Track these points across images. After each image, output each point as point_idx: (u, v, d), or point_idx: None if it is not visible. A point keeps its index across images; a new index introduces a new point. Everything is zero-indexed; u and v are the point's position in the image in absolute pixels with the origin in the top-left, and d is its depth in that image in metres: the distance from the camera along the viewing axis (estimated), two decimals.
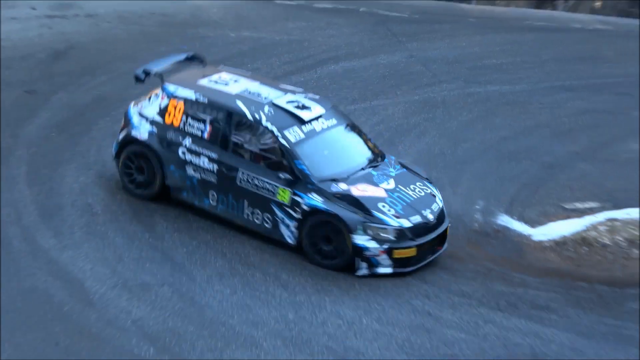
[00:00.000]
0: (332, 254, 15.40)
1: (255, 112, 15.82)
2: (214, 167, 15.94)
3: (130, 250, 15.32)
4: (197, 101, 16.09)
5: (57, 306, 13.98)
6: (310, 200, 15.44)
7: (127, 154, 16.54)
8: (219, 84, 16.34)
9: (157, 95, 16.42)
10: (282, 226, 15.68)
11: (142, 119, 16.47)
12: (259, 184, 15.66)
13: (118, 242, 15.51)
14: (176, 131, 16.18)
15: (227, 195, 15.91)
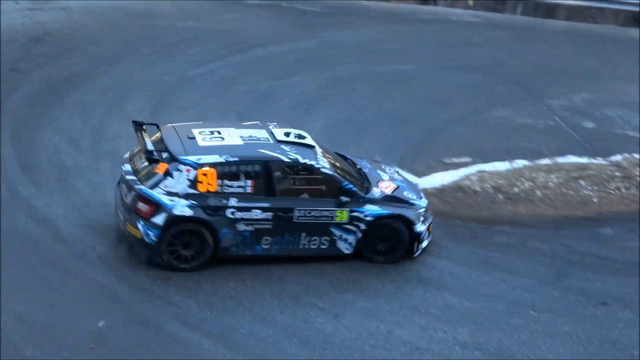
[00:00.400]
0: (388, 250, 14.19)
1: (285, 154, 13.61)
2: (268, 215, 13.47)
3: (95, 197, 14.97)
4: (227, 162, 13.31)
5: (34, 243, 13.66)
6: (370, 211, 13.89)
7: (172, 234, 13.28)
8: (219, 139, 13.66)
9: (180, 170, 13.22)
10: (339, 242, 13.88)
11: (173, 198, 13.20)
12: (317, 214, 13.60)
13: (85, 191, 15.15)
14: (217, 196, 13.30)
15: (283, 235, 13.62)
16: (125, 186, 13.48)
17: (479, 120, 19.04)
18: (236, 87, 19.06)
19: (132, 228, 13.25)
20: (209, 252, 13.45)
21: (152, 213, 13.13)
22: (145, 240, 13.16)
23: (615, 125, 19.09)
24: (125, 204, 13.40)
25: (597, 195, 16.66)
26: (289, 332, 12.59)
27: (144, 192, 13.20)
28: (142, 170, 13.48)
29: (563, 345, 12.86)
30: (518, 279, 14.15)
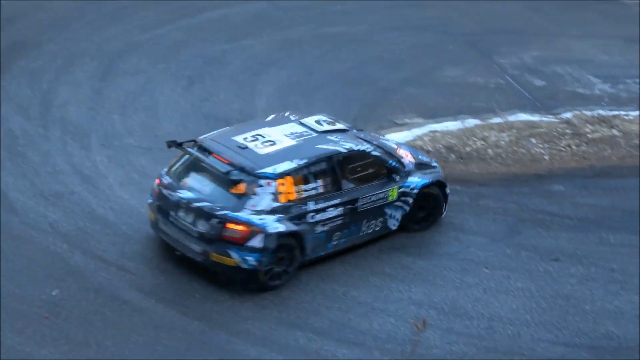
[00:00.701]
0: (425, 217, 14.20)
1: (338, 145, 13.31)
2: (339, 210, 13.07)
3: (45, 165, 14.82)
4: (299, 167, 12.76)
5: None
6: (414, 183, 13.86)
7: (270, 254, 12.59)
8: (270, 143, 13.08)
9: (262, 186, 12.51)
10: (390, 220, 13.77)
11: (262, 216, 12.47)
12: (375, 198, 13.42)
13: (35, 160, 14.99)
14: (297, 204, 12.70)
15: (349, 227, 13.28)
16: (194, 213, 12.48)
17: (430, 80, 19.06)
18: (186, 51, 18.91)
19: (221, 257, 12.39)
20: (297, 263, 12.86)
21: (247, 237, 12.29)
22: (243, 267, 12.38)
23: (565, 82, 19.22)
24: (199, 233, 12.45)
25: (548, 152, 16.80)
26: (245, 296, 12.62)
27: (232, 216, 12.29)
28: (205, 193, 12.59)
29: (516, 301, 13.03)
30: (471, 237, 14.28)
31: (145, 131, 16.21)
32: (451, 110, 17.94)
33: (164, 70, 18.21)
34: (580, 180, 16.05)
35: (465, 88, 18.78)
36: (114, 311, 12.13)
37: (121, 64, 18.23)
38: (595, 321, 12.75)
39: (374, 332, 12.24)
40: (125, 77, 17.80)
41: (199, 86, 17.81)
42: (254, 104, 17.46)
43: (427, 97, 18.39)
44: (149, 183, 14.67)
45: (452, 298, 12.98)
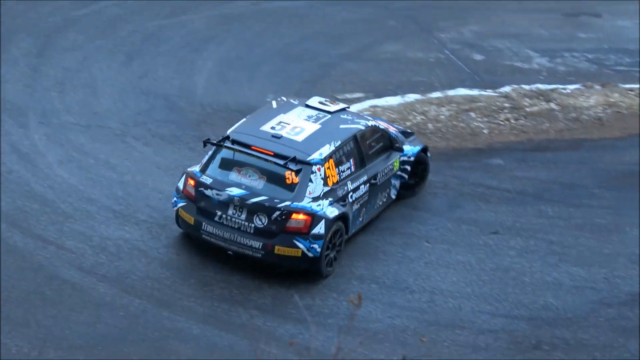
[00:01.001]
0: (412, 184, 14.48)
1: (355, 122, 13.54)
2: (367, 187, 13.33)
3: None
4: (336, 149, 12.91)
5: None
6: (410, 152, 14.26)
7: (330, 239, 12.66)
8: (300, 129, 13.09)
9: (314, 172, 12.54)
10: (392, 191, 14.10)
11: (318, 202, 12.52)
12: (386, 170, 13.75)
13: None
14: (339, 186, 12.85)
15: (369, 202, 13.48)
16: (249, 209, 12.36)
17: (370, 55, 19.11)
18: (124, 27, 18.74)
19: (287, 249, 12.36)
20: (343, 244, 12.99)
21: (310, 225, 12.33)
22: (309, 255, 12.40)
23: (504, 56, 19.38)
24: (256, 228, 12.38)
25: (487, 126, 16.95)
26: (186, 273, 12.60)
27: (294, 207, 12.33)
28: (256, 187, 12.49)
29: (457, 274, 13.18)
30: (412, 211, 14.38)
31: (83, 109, 16.05)
32: (391, 85, 18.01)
33: (102, 46, 18.03)
34: (519, 154, 16.23)
35: (405, 63, 18.86)
36: (53, 290, 12.04)
37: (58, 40, 18.01)
38: (534, 293, 12.94)
39: (316, 307, 12.30)
40: (63, 53, 17.59)
41: (138, 62, 17.67)
42: (194, 80, 17.39)
43: (368, 72, 18.43)
44: (88, 161, 14.63)
45: (394, 272, 13.08)
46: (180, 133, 15.73)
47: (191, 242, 13.13)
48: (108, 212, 13.55)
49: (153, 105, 16.44)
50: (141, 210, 13.65)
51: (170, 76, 17.37)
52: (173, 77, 17.35)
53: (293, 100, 14.03)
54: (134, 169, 14.61)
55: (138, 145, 15.27)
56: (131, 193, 14.02)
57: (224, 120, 16.27)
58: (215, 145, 12.83)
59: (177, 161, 14.92)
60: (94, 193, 13.93)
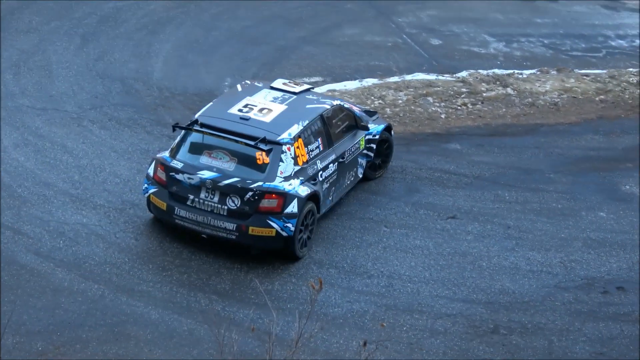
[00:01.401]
0: (379, 164, 14.68)
1: (321, 102, 13.69)
2: (335, 166, 13.44)
3: None
4: (304, 129, 13.02)
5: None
6: (375, 130, 14.37)
7: (303, 217, 12.77)
8: (267, 110, 13.17)
9: (284, 152, 12.64)
10: (359, 170, 14.23)
11: (289, 182, 12.63)
12: (353, 149, 13.87)
13: None
14: (309, 165, 13.01)
15: (338, 181, 13.60)
16: (221, 192, 12.41)
17: (328, 38, 19.13)
18: (80, 8, 18.59)
19: (261, 229, 12.42)
20: (315, 224, 13.06)
21: (283, 204, 12.40)
22: (283, 234, 12.46)
23: (461, 41, 19.49)
24: (229, 210, 12.41)
25: (445, 111, 17.06)
26: (145, 258, 12.60)
27: (266, 187, 12.39)
28: (227, 169, 12.52)
29: (415, 259, 13.27)
30: (370, 196, 14.46)
31: (39, 91, 15.94)
32: (350, 69, 18.05)
33: (58, 28, 17.89)
34: (476, 139, 16.34)
35: (364, 47, 18.90)
36: (11, 275, 11.98)
37: (13, 21, 17.83)
38: (492, 277, 13.07)
39: (276, 292, 12.35)
40: (18, 35, 17.43)
41: (93, 45, 17.55)
42: (151, 63, 17.31)
43: (326, 56, 18.46)
44: (44, 145, 14.54)
45: (353, 257, 13.16)
46: (137, 117, 15.66)
47: (150, 227, 13.12)
48: (65, 196, 13.49)
49: (109, 89, 16.35)
50: (99, 195, 13.60)
51: (126, 59, 17.28)
52: (130, 60, 17.26)
53: (257, 83, 14.09)
54: (90, 152, 14.54)
55: (95, 129, 15.19)
56: (88, 177, 13.96)
57: (182, 103, 16.25)
58: (184, 129, 12.84)
59: (135, 145, 14.87)
60: (50, 177, 13.85)
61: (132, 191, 13.74)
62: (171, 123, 12.95)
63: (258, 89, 13.79)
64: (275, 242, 12.60)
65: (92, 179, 13.93)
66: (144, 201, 13.34)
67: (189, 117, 14.69)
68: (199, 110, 13.46)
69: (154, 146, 14.80)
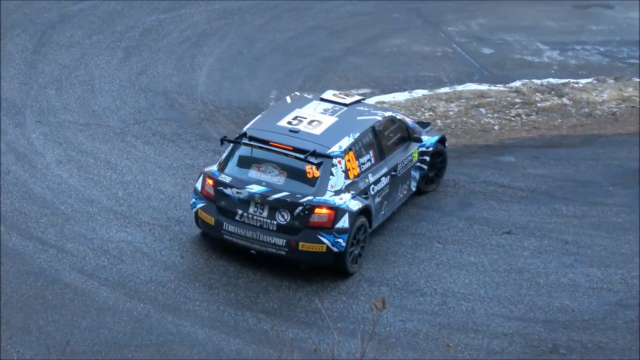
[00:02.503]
0: (432, 177, 14.66)
1: (372, 114, 13.65)
2: (388, 179, 13.43)
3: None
4: (356, 141, 13.00)
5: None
6: (428, 142, 14.41)
7: (355, 232, 12.72)
8: (317, 122, 13.14)
9: (335, 165, 12.60)
10: (412, 183, 14.21)
11: (340, 196, 12.59)
12: (406, 162, 13.86)
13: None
14: (361, 179, 12.96)
15: (391, 195, 13.59)
16: (271, 206, 12.41)
17: (375, 49, 19.09)
18: (121, 21, 18.71)
19: (311, 244, 12.41)
20: (367, 239, 13.08)
21: (334, 219, 12.40)
22: (334, 250, 12.45)
23: (514, 50, 19.37)
24: (279, 225, 12.43)
25: (498, 122, 16.94)
26: (191, 276, 12.59)
27: (317, 201, 12.41)
28: (277, 183, 12.51)
29: (469, 276, 13.16)
30: (422, 211, 14.37)
31: (81, 106, 16.04)
32: (398, 80, 18.00)
33: (99, 42, 18.01)
34: (531, 151, 16.22)
35: (412, 57, 18.85)
36: (55, 295, 12.03)
37: (54, 36, 17.99)
38: (550, 295, 12.93)
39: (326, 311, 12.29)
40: (59, 49, 17.57)
41: (136, 58, 17.65)
42: (194, 76, 17.36)
43: (373, 67, 18.42)
44: (87, 161, 14.61)
45: (405, 274, 13.08)
46: (181, 131, 15.71)
47: (195, 244, 13.12)
48: (109, 213, 13.54)
49: (153, 103, 16.42)
50: (143, 212, 13.63)
51: (169, 72, 17.35)
52: (172, 74, 17.33)
53: (307, 95, 14.13)
54: (134, 168, 14.59)
55: (138, 144, 15.25)
56: (132, 194, 14.00)
57: (227, 117, 16.28)
58: (232, 142, 12.86)
59: (179, 160, 14.90)
60: (94, 194, 13.91)
61: (177, 207, 13.75)
62: (216, 137, 12.96)
63: (308, 100, 13.79)
64: (325, 258, 12.55)
65: (136, 195, 13.97)
66: (189, 218, 13.36)
67: (235, 131, 14.74)
68: (245, 124, 13.48)
69: (199, 161, 14.83)
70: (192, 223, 13.24)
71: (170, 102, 16.48)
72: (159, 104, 16.38)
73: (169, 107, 16.36)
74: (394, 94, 17.45)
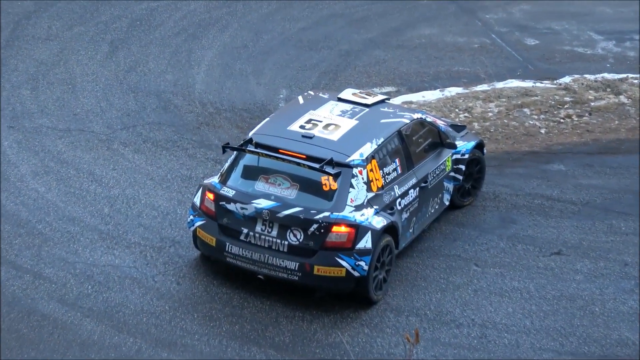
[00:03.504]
0: (469, 189, 14.74)
1: (399, 115, 13.68)
2: (416, 192, 13.42)
3: None
4: (379, 148, 12.98)
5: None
6: (464, 148, 14.47)
7: (379, 253, 12.66)
8: (334, 126, 13.14)
9: (356, 176, 12.58)
10: (445, 195, 14.26)
11: (361, 211, 12.57)
12: (438, 171, 13.91)
13: None
14: (385, 191, 12.96)
15: (421, 209, 13.63)
16: (281, 224, 12.41)
17: (401, 41, 19.17)
18: (107, 10, 18.84)
19: (328, 268, 12.35)
20: (393, 262, 13.03)
21: (354, 239, 12.37)
22: (354, 274, 12.39)
23: (562, 41, 19.43)
24: (290, 246, 12.41)
25: (545, 125, 17.00)
26: (189, 305, 12.63)
27: (334, 218, 12.38)
28: (288, 197, 12.52)
29: (512, 304, 13.17)
30: (457, 228, 14.40)
31: (61, 109, 16.15)
32: (428, 76, 18.08)
33: (82, 34, 18.14)
34: (583, 158, 16.26)
35: (444, 50, 18.92)
36: (31, 328, 12.07)
37: (29, 28, 18.14)
38: (607, 325, 12.92)
39: (345, 345, 12.30)
40: (35, 43, 17.70)
41: (124, 53, 17.76)
42: (192, 73, 17.46)
43: (399, 61, 18.49)
44: (68, 172, 14.70)
45: (437, 302, 13.09)
46: (177, 137, 15.78)
47: (194, 268, 13.16)
48: (93, 233, 13.61)
49: (143, 105, 16.51)
50: (133, 231, 13.69)
51: (163, 69, 17.45)
52: (166, 71, 17.43)
53: (322, 94, 14.19)
54: (122, 181, 14.67)
55: (127, 152, 15.33)
56: (120, 210, 14.07)
57: (229, 121, 16.36)
58: (236, 150, 12.88)
59: (174, 171, 14.98)
60: (76, 211, 13.98)
61: (172, 226, 13.81)
62: (217, 144, 13.03)
63: (323, 101, 13.82)
64: (345, 284, 12.56)
65: (125, 212, 14.05)
66: (186, 238, 13.41)
67: (238, 137, 14.80)
68: (251, 128, 13.54)
69: (198, 172, 14.89)
70: (189, 244, 13.29)
71: (164, 104, 16.56)
72: (150, 106, 16.46)
73: (163, 109, 16.44)
74: (424, 92, 17.53)
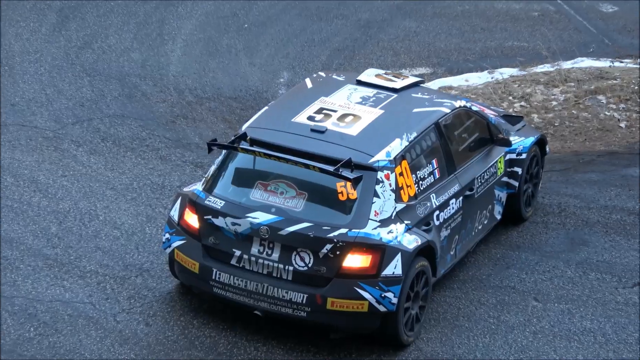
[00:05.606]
0: (529, 197, 15.05)
1: (436, 103, 13.82)
2: (459, 202, 13.61)
3: None
4: (411, 145, 13.08)
5: None
6: (521, 144, 14.73)
7: (411, 282, 12.69)
8: (352, 117, 13.22)
9: (381, 182, 12.61)
10: (496, 207, 14.50)
11: (388, 227, 12.60)
12: (487, 176, 14.14)
13: None
14: (420, 202, 13.05)
15: (465, 225, 13.81)
16: (284, 244, 12.45)
17: (438, 7, 19.25)
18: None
19: (345, 301, 12.36)
20: (429, 295, 13.16)
21: (380, 263, 12.39)
22: (380, 309, 12.39)
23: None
24: (297, 272, 12.45)
25: (626, 117, 17.02)
26: (161, 353, 12.75)
27: (354, 236, 12.39)
28: (293, 208, 12.57)
29: (583, 349, 13.21)
30: (510, 252, 14.46)
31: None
32: (473, 54, 18.13)
33: (21, 1, 18.21)
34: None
35: (494, 19, 18.97)
36: None
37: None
38: None
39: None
40: None
41: (76, 25, 17.85)
42: (164, 51, 17.54)
43: (435, 34, 18.55)
44: (4, 180, 14.77)
45: (485, 347, 13.13)
46: (145, 134, 15.85)
47: (167, 304, 13.22)
48: (37, 259, 13.64)
49: (102, 92, 16.57)
50: (88, 256, 13.74)
51: (127, 46, 17.53)
52: (132, 47, 17.51)
53: (337, 76, 14.22)
54: (74, 190, 14.72)
55: (80, 154, 15.41)
56: (72, 229, 14.12)
57: (214, 112, 16.41)
58: (225, 148, 12.93)
59: (143, 178, 15.03)
60: (13, 230, 14.02)
61: (139, 249, 13.87)
62: (199, 142, 13.10)
63: (338, 84, 13.88)
64: (367, 322, 12.59)
65: (77, 231, 14.10)
66: (157, 265, 13.49)
67: (227, 133, 14.88)
68: (243, 121, 13.53)
69: (173, 179, 14.95)
70: (162, 272, 13.35)
71: (129, 91, 16.64)
72: (111, 94, 16.53)
73: (127, 97, 16.52)
74: (467, 74, 17.58)
